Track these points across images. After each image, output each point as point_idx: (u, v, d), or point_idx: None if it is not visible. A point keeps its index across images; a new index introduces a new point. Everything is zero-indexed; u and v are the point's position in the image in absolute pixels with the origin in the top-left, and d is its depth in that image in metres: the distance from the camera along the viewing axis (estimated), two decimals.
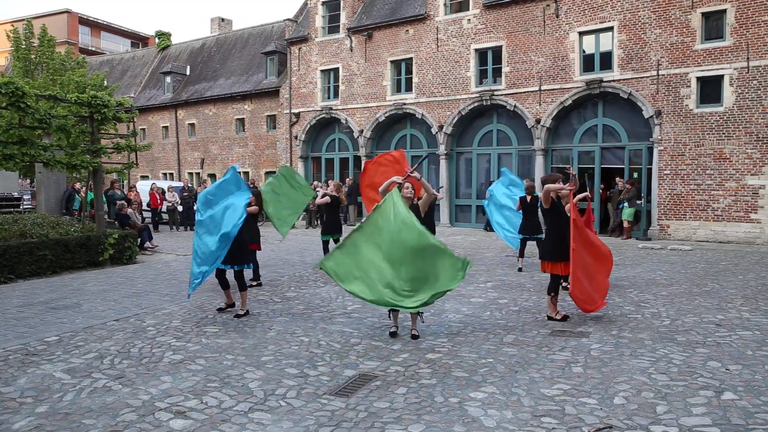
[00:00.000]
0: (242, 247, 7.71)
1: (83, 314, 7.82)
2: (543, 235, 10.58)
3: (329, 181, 24.07)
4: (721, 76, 16.37)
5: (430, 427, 4.23)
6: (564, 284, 8.66)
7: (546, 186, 7.33)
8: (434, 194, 7.26)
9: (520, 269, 11.25)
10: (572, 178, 7.70)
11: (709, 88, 16.69)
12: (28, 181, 22.60)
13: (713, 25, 16.65)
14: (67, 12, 43.48)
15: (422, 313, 6.89)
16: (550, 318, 7.38)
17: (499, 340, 6.48)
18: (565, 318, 7.34)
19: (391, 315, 6.78)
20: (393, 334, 6.62)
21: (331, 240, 11.46)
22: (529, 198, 10.98)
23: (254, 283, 9.79)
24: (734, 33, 16.14)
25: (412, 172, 7.12)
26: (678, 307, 8.04)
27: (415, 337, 6.56)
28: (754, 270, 11.43)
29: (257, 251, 10.03)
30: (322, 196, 11.42)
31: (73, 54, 27.88)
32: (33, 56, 26.11)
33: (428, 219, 6.74)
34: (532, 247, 11.57)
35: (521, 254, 11.48)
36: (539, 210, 8.83)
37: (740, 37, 16.04)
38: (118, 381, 5.20)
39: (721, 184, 16.51)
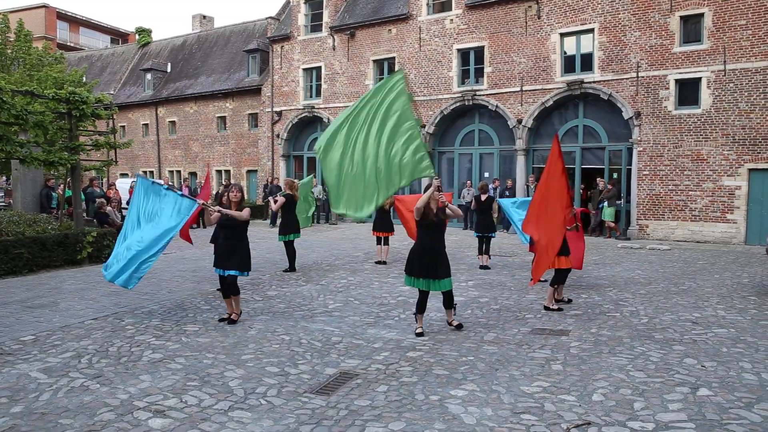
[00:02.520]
0: (235, 251, 7.10)
1: (60, 313, 7.71)
2: (495, 234, 11.68)
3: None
4: (699, 79, 16.61)
5: (411, 425, 4.24)
6: (543, 278, 9.43)
7: None
8: (460, 215, 7.33)
9: (482, 266, 11.52)
10: None
11: (687, 90, 16.93)
12: (4, 178, 22.20)
13: (691, 28, 16.89)
14: (45, 7, 42.79)
15: (456, 305, 7.02)
16: (546, 308, 7.86)
17: (479, 338, 6.52)
18: (560, 309, 7.87)
19: (417, 317, 6.79)
20: (419, 335, 6.60)
21: (292, 240, 11.19)
22: (483, 197, 11.38)
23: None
24: (711, 36, 16.39)
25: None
26: (656, 306, 8.15)
27: (460, 327, 6.82)
28: (729, 269, 11.63)
29: None
30: (275, 202, 11.23)
31: (50, 49, 27.41)
32: (9, 51, 25.64)
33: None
34: (508, 244, 11.66)
35: (480, 252, 11.76)
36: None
37: (717, 41, 16.29)
38: (95, 380, 5.14)
39: (698, 184, 16.77)
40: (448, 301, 6.84)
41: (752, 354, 5.88)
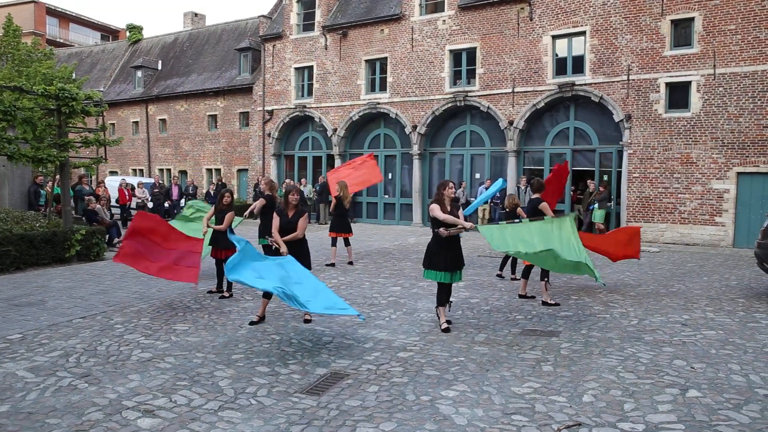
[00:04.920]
0: (300, 254, 7.11)
1: (48, 311, 7.63)
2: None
3: (302, 180, 23.99)
4: (689, 82, 16.73)
5: (402, 425, 4.23)
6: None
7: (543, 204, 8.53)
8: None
9: None
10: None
11: (678, 94, 17.04)
12: None
13: (682, 32, 17.01)
14: (34, 2, 42.39)
15: (451, 302, 7.28)
16: (545, 303, 8.22)
17: (470, 339, 6.52)
18: (557, 304, 8.25)
19: (439, 312, 7.03)
20: (446, 330, 6.83)
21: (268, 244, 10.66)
22: None
23: (227, 294, 8.79)
24: (702, 40, 16.51)
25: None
26: (645, 308, 8.19)
27: (448, 322, 6.97)
28: (718, 272, 11.71)
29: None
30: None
31: (39, 45, 27.12)
32: None
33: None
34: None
35: None
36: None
37: (707, 45, 16.41)
38: (84, 379, 5.09)
39: (687, 187, 16.88)
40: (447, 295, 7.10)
41: (741, 356, 5.92)
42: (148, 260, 8.21)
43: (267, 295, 7.17)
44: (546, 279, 8.44)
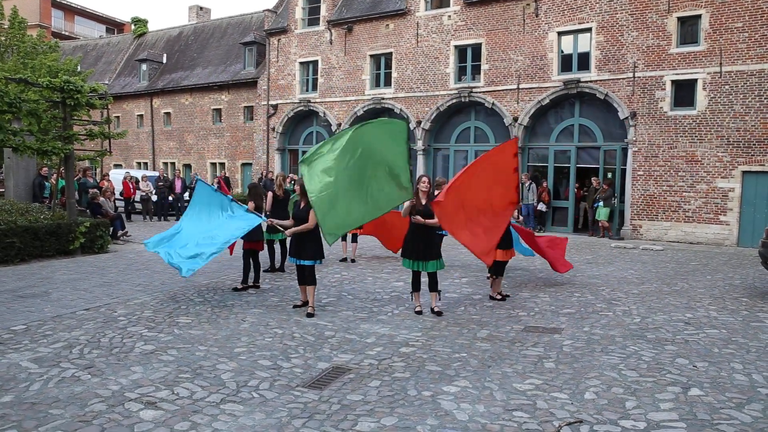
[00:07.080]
0: (307, 242, 7.32)
1: (52, 303, 7.66)
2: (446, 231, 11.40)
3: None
4: (695, 80, 16.66)
5: (403, 420, 4.23)
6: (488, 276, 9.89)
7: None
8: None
9: None
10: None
11: (683, 92, 16.96)
12: None
13: (688, 29, 16.93)
14: None
15: (440, 291, 7.65)
16: (491, 297, 8.39)
17: (472, 335, 6.52)
18: (503, 298, 8.36)
19: (413, 296, 7.56)
20: (419, 313, 7.38)
21: (276, 240, 10.51)
22: (436, 193, 11.80)
23: (241, 287, 8.81)
24: (708, 38, 16.42)
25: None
26: (648, 306, 8.18)
27: (440, 314, 7.29)
28: (722, 270, 11.68)
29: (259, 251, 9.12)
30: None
31: (45, 38, 27.22)
32: (3, 38, 25.43)
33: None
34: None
35: None
36: None
37: (714, 43, 16.33)
38: (87, 371, 5.11)
39: (692, 186, 16.83)
40: (433, 284, 7.40)
41: (743, 355, 5.91)
42: None
43: (302, 282, 7.59)
44: (494, 276, 8.47)
